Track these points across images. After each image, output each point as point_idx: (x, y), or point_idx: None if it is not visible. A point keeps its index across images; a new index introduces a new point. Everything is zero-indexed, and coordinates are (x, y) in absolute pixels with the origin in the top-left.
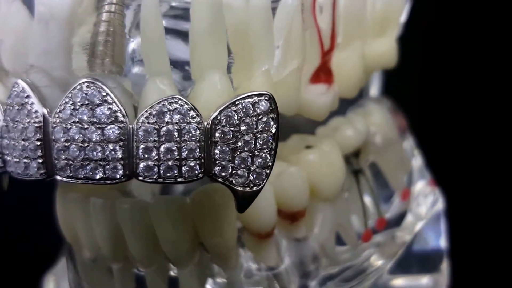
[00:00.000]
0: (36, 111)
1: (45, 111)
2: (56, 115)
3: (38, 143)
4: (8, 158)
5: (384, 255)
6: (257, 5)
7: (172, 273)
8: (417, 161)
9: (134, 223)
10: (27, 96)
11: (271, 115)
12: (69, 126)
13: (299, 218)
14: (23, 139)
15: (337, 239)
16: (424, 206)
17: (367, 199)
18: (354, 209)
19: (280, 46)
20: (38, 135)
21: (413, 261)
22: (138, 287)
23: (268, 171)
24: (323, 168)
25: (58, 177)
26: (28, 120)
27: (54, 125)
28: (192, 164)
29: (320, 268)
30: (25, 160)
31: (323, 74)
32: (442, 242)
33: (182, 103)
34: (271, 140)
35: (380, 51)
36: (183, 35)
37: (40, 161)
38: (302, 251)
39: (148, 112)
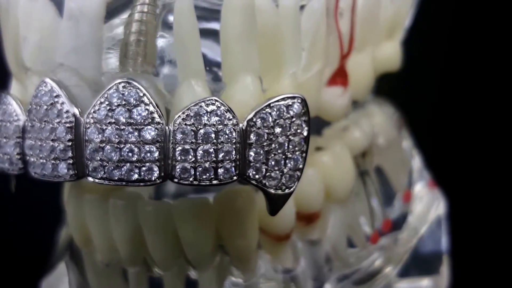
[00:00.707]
0: (67, 111)
1: (77, 111)
2: (90, 116)
3: (69, 143)
4: (32, 159)
5: (390, 259)
6: (287, 8)
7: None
8: (416, 162)
9: (157, 225)
10: (57, 96)
11: (304, 118)
12: (104, 127)
13: (314, 220)
14: (52, 140)
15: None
16: (425, 208)
17: (373, 201)
18: (362, 211)
19: (306, 49)
20: (69, 135)
21: (414, 263)
22: None
23: (299, 174)
24: (336, 170)
25: (90, 179)
26: (58, 120)
27: (88, 125)
28: (228, 166)
29: (333, 270)
30: (53, 161)
31: (339, 77)
32: (443, 245)
33: (219, 105)
34: (302, 143)
35: (387, 54)
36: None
37: (70, 162)
38: (317, 252)
39: (185, 113)
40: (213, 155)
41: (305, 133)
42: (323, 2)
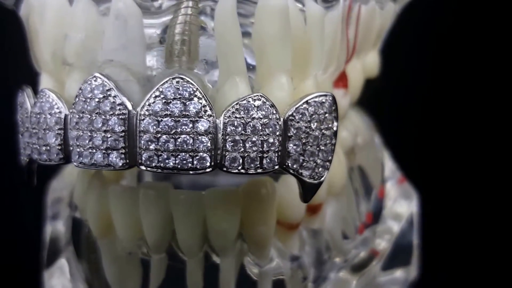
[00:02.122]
0: (120, 104)
1: (129, 104)
2: (145, 108)
3: (122, 134)
4: (78, 150)
5: (371, 251)
6: (314, 15)
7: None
8: (387, 159)
9: (188, 213)
10: (109, 89)
11: (334, 114)
12: (159, 119)
13: (318, 210)
14: (104, 131)
15: None
16: (397, 203)
17: (359, 195)
18: (351, 205)
19: (324, 52)
20: (123, 127)
21: (389, 255)
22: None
23: (329, 164)
24: (334, 165)
25: (143, 167)
26: (111, 113)
27: (142, 117)
28: (272, 156)
29: (331, 258)
30: (105, 151)
31: (342, 80)
32: (414, 238)
33: (265, 100)
34: (332, 136)
35: (371, 62)
36: None
37: (122, 151)
38: (318, 241)
39: (235, 107)
40: (259, 146)
41: (334, 128)
42: (341, 11)
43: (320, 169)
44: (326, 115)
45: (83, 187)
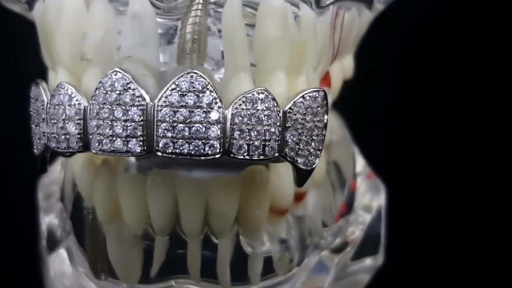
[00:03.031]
0: (139, 96)
1: (147, 97)
2: (162, 100)
3: (141, 123)
4: (99, 138)
5: (345, 238)
6: (309, 19)
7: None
8: (358, 155)
9: (192, 198)
10: (129, 83)
11: (325, 108)
12: (175, 109)
13: (302, 198)
14: (124, 120)
15: None
16: (366, 196)
17: (335, 187)
18: (328, 195)
19: (316, 53)
20: (142, 117)
21: (359, 245)
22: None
23: (319, 153)
24: None
25: (159, 153)
26: (131, 104)
27: (160, 108)
28: (273, 145)
29: (313, 242)
30: (124, 139)
31: (325, 79)
32: (382, 228)
33: (268, 94)
34: (323, 128)
35: (347, 64)
36: None
37: (141, 139)
38: (302, 226)
39: (242, 100)
40: (263, 135)
41: (325, 120)
42: (330, 17)
43: (312, 157)
44: (319, 108)
45: (88, 177)
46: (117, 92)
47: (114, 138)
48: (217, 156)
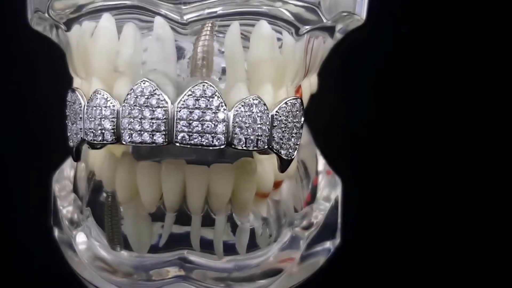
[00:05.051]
0: (163, 100)
1: (169, 100)
2: (181, 103)
3: (164, 120)
4: (129, 132)
5: (310, 222)
6: (289, 43)
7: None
8: (319, 156)
9: (197, 182)
10: (155, 89)
11: (301, 112)
12: (191, 110)
13: (279, 186)
14: (151, 118)
15: None
16: (326, 189)
17: (302, 180)
18: (298, 186)
19: (294, 71)
20: (165, 115)
21: (320, 230)
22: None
23: (297, 147)
24: None
25: (177, 144)
26: (156, 105)
27: (179, 109)
28: (264, 140)
29: (286, 222)
30: (151, 133)
31: (297, 92)
32: (339, 216)
33: (260, 100)
34: (300, 127)
35: (313, 81)
36: None
37: (164, 133)
38: (279, 208)
39: (241, 104)
40: (257, 131)
41: (302, 121)
42: (304, 43)
43: (292, 150)
44: (297, 112)
45: (110, 166)
46: (146, 96)
47: (143, 132)
48: (222, 146)
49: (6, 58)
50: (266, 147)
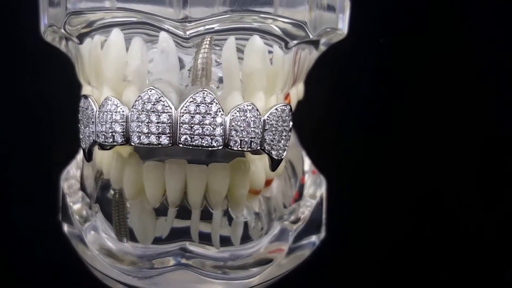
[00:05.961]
0: (168, 106)
1: (173, 106)
2: (183, 109)
3: (169, 124)
4: (138, 135)
5: (297, 217)
6: (279, 56)
7: None
8: (305, 157)
9: (197, 179)
10: (161, 97)
11: (290, 117)
12: (193, 115)
13: (269, 184)
14: (157, 122)
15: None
16: (311, 188)
17: (290, 179)
18: (286, 184)
19: (283, 80)
20: (170, 120)
21: (306, 226)
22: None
23: (286, 148)
24: None
25: (180, 145)
26: (162, 111)
27: (182, 114)
28: (257, 141)
29: (276, 217)
30: (157, 135)
31: (286, 98)
32: (323, 213)
33: (253, 106)
34: (289, 131)
35: (300, 89)
36: None
37: (169, 135)
38: (269, 204)
39: (237, 110)
40: (250, 134)
41: (290, 125)
42: (292, 55)
43: (281, 151)
44: (286, 117)
45: (118, 166)
46: (152, 103)
47: (150, 135)
48: (220, 147)
49: (10, 61)
50: (258, 148)
